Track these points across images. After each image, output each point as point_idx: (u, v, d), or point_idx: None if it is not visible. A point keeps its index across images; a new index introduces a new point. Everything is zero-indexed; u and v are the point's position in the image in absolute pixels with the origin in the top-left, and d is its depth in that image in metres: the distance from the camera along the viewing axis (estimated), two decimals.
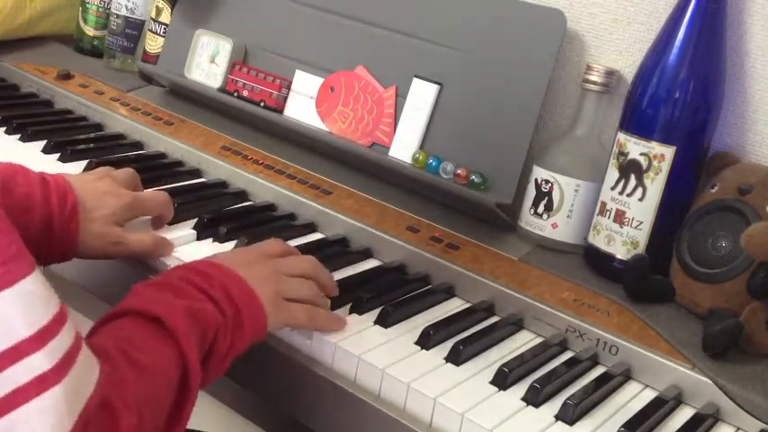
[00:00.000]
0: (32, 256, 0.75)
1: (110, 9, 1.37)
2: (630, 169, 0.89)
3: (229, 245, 0.89)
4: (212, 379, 0.66)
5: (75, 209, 0.78)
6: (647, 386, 0.79)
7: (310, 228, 0.97)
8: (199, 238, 0.89)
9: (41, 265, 0.78)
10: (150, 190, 0.89)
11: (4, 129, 1.10)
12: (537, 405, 0.71)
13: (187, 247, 0.87)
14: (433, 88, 1.04)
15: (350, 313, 0.80)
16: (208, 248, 0.88)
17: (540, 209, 0.96)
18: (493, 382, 0.73)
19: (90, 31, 1.42)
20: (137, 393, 0.56)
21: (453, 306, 0.86)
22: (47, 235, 0.76)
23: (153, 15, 1.32)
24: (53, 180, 0.79)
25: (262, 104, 1.15)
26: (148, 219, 0.89)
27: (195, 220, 0.91)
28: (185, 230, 0.90)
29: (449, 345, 0.76)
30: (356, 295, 0.81)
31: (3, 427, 0.46)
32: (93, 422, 0.51)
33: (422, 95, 1.05)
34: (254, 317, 0.69)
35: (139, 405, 0.55)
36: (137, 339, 0.60)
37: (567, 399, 0.71)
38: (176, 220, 0.90)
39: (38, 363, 0.48)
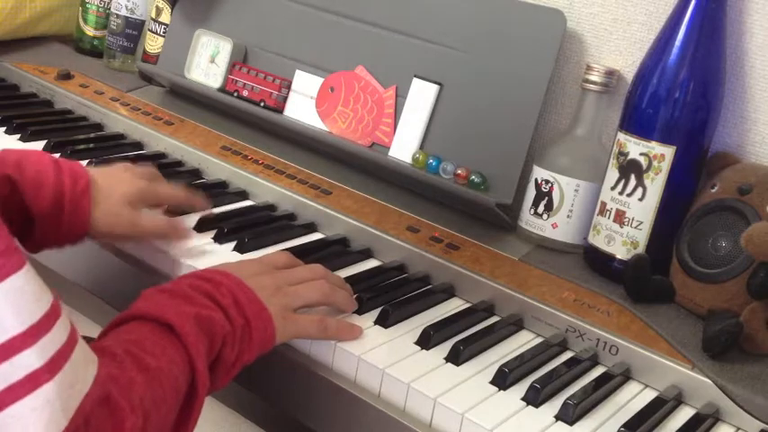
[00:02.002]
0: (42, 232, 0.76)
1: (110, 9, 1.37)
2: (630, 169, 0.89)
3: (230, 245, 0.89)
4: (218, 387, 0.66)
5: (87, 187, 0.78)
6: (647, 386, 0.79)
7: (310, 228, 0.97)
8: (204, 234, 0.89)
9: (53, 247, 0.78)
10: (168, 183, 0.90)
11: (4, 129, 1.10)
12: (537, 405, 0.71)
13: (188, 246, 0.87)
14: (433, 88, 1.04)
15: (351, 313, 0.80)
16: (208, 248, 0.88)
17: (540, 209, 0.96)
18: (493, 382, 0.73)
19: (90, 31, 1.42)
20: (144, 396, 0.56)
21: (453, 306, 0.86)
22: (57, 212, 0.76)
23: (153, 15, 1.32)
24: (66, 163, 0.80)
25: (262, 104, 1.15)
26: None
27: (196, 219, 0.91)
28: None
29: (449, 345, 0.76)
30: (356, 295, 0.81)
31: None
32: (95, 420, 0.51)
33: (422, 95, 1.05)
34: (262, 328, 0.68)
35: (146, 408, 0.55)
36: (146, 343, 0.60)
37: (567, 399, 0.71)
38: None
39: (29, 360, 0.47)
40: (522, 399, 0.71)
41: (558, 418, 0.70)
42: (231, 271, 0.71)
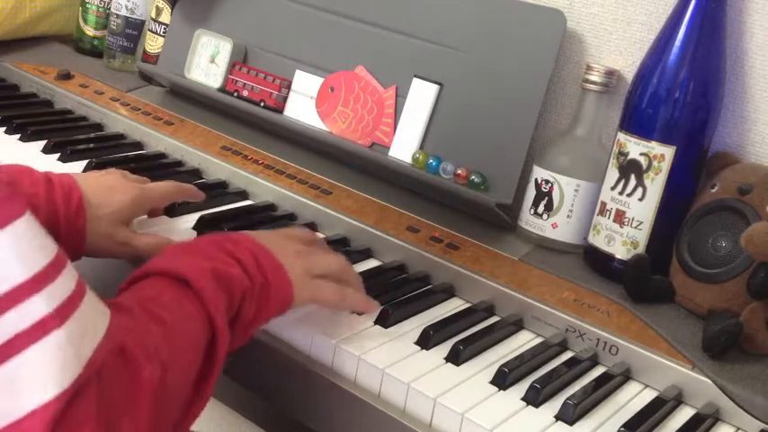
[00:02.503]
0: None
1: (110, 9, 1.37)
2: (630, 169, 0.89)
3: None
4: (237, 344, 0.65)
5: (81, 206, 0.77)
6: (647, 386, 0.79)
7: (310, 228, 0.97)
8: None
9: None
10: (157, 182, 0.89)
11: (4, 129, 1.10)
12: (537, 405, 0.71)
13: None
14: (433, 88, 1.04)
15: (350, 313, 0.80)
16: None
17: (540, 209, 0.96)
18: (493, 382, 0.73)
19: (90, 31, 1.42)
20: (161, 347, 0.55)
21: (453, 306, 0.86)
22: (53, 235, 0.75)
23: (153, 15, 1.32)
24: (58, 179, 0.79)
25: (262, 104, 1.15)
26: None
27: (196, 219, 0.91)
28: (186, 230, 0.90)
29: (449, 345, 0.76)
30: None
31: (5, 374, 0.45)
32: (109, 370, 0.50)
33: (422, 95, 1.05)
34: (280, 289, 0.68)
35: (164, 360, 0.54)
36: (162, 298, 0.59)
37: (567, 399, 0.71)
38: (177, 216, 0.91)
39: (37, 307, 0.46)
40: (522, 399, 0.71)
41: (558, 418, 0.70)
42: (253, 235, 0.71)
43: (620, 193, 0.90)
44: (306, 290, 0.71)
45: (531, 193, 0.97)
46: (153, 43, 1.32)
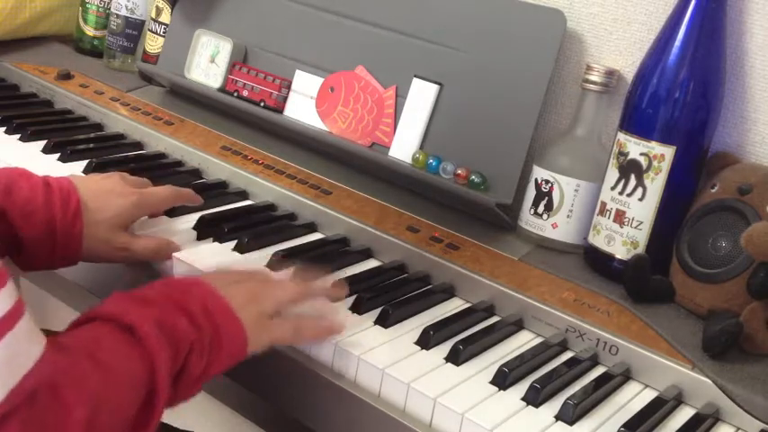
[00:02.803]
0: (35, 259, 0.75)
1: (110, 9, 1.37)
2: (630, 169, 0.89)
3: (230, 245, 0.89)
4: (181, 399, 0.63)
5: (78, 211, 0.77)
6: (647, 386, 0.79)
7: (310, 228, 0.97)
8: (199, 238, 0.89)
9: (45, 269, 0.77)
10: (156, 187, 0.89)
11: (4, 129, 1.10)
12: (537, 405, 0.71)
13: (188, 246, 0.87)
14: (433, 88, 1.04)
15: (351, 313, 0.80)
16: (208, 248, 0.88)
17: (540, 209, 0.96)
18: (493, 382, 0.73)
19: (90, 31, 1.42)
20: (95, 391, 0.54)
21: (453, 306, 0.86)
22: (50, 239, 0.76)
23: (153, 15, 1.32)
24: (57, 183, 0.78)
25: (262, 104, 1.15)
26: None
27: (196, 219, 0.91)
28: (185, 230, 0.90)
29: (449, 345, 0.76)
30: (356, 295, 0.81)
31: None
32: (38, 406, 0.49)
33: (422, 95, 1.05)
34: (233, 337, 0.66)
35: (96, 404, 0.53)
36: (105, 343, 0.58)
37: (567, 399, 0.71)
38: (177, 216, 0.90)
39: None
40: (522, 399, 0.71)
41: (558, 418, 0.70)
42: (205, 279, 0.69)
43: (620, 193, 0.90)
44: (261, 334, 0.69)
45: (531, 193, 0.97)
46: (153, 43, 1.32)
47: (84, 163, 1.02)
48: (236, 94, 1.17)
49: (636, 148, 0.89)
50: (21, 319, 0.49)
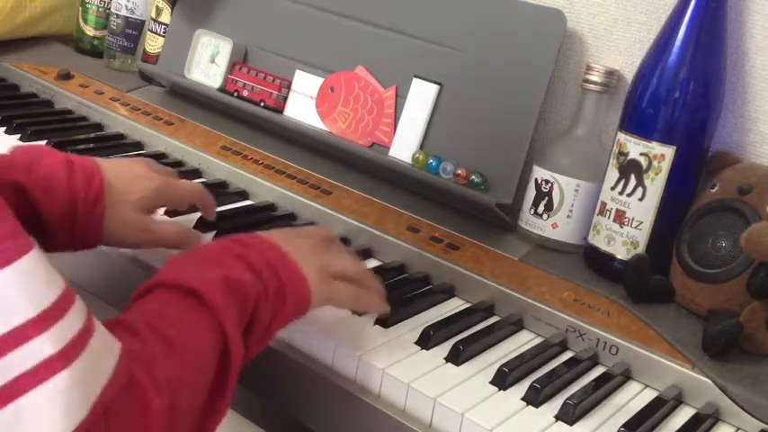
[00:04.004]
0: (55, 239, 0.74)
1: (110, 9, 1.37)
2: (630, 169, 0.89)
3: None
4: (253, 354, 0.63)
5: (101, 191, 0.75)
6: (647, 386, 0.79)
7: None
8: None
9: (65, 251, 0.75)
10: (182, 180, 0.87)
11: (4, 129, 1.10)
12: (537, 405, 0.71)
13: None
14: (433, 88, 1.04)
15: (351, 313, 0.80)
16: None
17: (540, 209, 0.96)
18: (493, 382, 0.73)
19: (90, 31, 1.42)
20: (170, 373, 0.53)
21: (453, 306, 0.86)
22: (70, 217, 0.73)
23: (153, 15, 1.32)
24: (79, 162, 0.76)
25: (262, 104, 1.15)
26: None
27: (196, 218, 0.91)
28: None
29: (449, 345, 0.76)
30: None
31: (9, 416, 0.44)
32: (117, 407, 0.48)
33: (422, 95, 1.05)
34: (297, 291, 0.65)
35: (173, 385, 0.53)
36: (170, 314, 0.57)
37: (567, 399, 0.71)
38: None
39: (42, 347, 0.45)
40: (522, 399, 0.71)
41: (558, 418, 0.70)
42: (264, 234, 0.68)
43: (620, 193, 0.90)
44: (322, 291, 0.68)
45: (531, 193, 0.97)
46: (153, 43, 1.32)
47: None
48: (236, 94, 1.17)
49: (636, 148, 0.89)
50: (94, 334, 0.49)
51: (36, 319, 0.45)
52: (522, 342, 0.82)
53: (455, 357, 0.75)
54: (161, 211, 0.88)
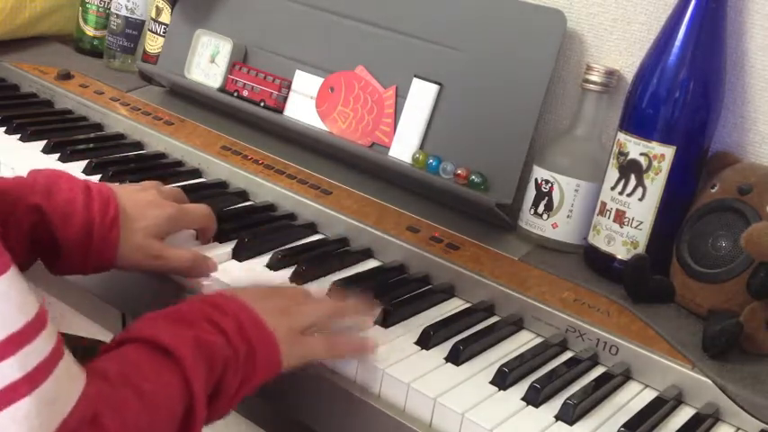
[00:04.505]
0: (69, 262, 0.75)
1: (110, 9, 1.37)
2: (630, 169, 0.89)
3: (229, 245, 0.89)
4: (218, 416, 0.64)
5: (116, 218, 0.77)
6: (647, 386, 0.79)
7: (310, 228, 0.97)
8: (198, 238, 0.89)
9: (77, 273, 0.77)
10: (193, 204, 0.88)
11: (4, 129, 1.10)
12: (537, 405, 0.71)
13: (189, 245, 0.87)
14: (432, 88, 1.04)
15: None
16: (207, 248, 0.88)
17: (540, 209, 0.96)
18: (493, 382, 0.73)
19: (90, 31, 1.42)
20: (136, 420, 0.54)
21: (453, 306, 0.86)
22: (86, 243, 0.75)
23: (153, 15, 1.32)
24: (96, 188, 0.78)
25: (262, 104, 1.15)
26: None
27: None
28: (189, 234, 0.90)
29: (449, 345, 0.76)
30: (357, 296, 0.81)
31: None
32: None
33: (422, 95, 1.05)
34: (267, 353, 0.66)
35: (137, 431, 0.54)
36: (142, 366, 0.58)
37: (567, 399, 0.71)
38: None
39: (8, 370, 0.45)
40: (522, 399, 0.71)
41: (558, 418, 0.70)
42: (237, 294, 0.69)
43: (620, 193, 0.90)
44: (294, 349, 0.68)
45: (531, 193, 0.97)
46: (153, 43, 1.32)
47: (84, 163, 1.02)
48: (236, 94, 1.17)
49: (636, 148, 0.89)
50: (61, 360, 0.49)
51: (4, 342, 0.46)
52: (522, 342, 0.82)
53: (455, 357, 0.75)
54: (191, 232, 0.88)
